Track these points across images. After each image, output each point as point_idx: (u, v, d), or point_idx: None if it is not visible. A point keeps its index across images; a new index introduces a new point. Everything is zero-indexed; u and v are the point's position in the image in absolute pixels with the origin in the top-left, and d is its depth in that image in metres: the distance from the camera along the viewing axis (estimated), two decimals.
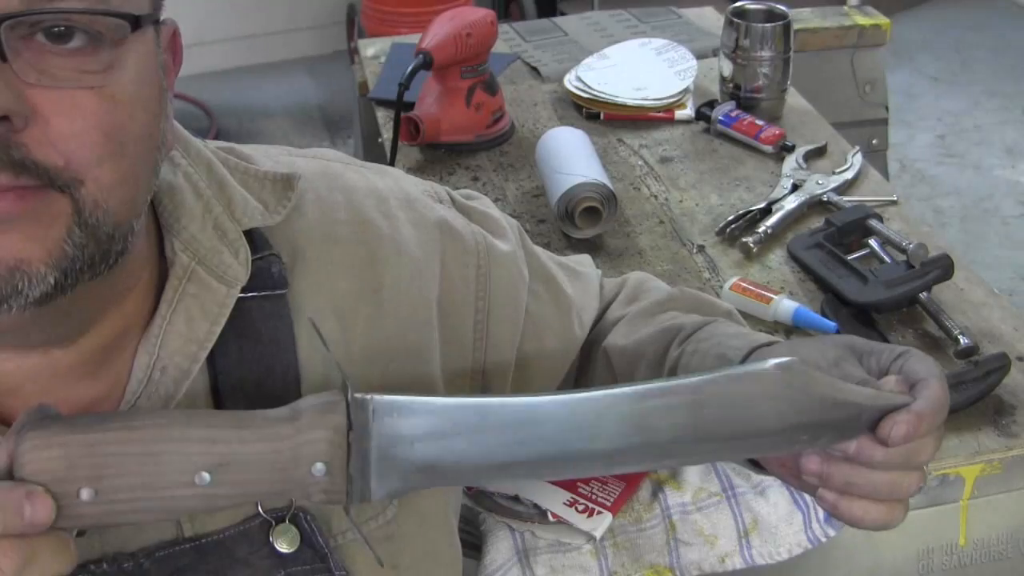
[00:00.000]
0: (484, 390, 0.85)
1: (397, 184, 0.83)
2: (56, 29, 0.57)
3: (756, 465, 0.77)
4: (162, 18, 0.65)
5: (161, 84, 0.64)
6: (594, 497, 1.02)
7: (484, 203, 0.90)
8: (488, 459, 0.62)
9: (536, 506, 1.02)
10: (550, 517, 1.01)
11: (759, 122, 1.61)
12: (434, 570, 0.81)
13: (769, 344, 0.76)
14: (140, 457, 0.57)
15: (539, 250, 0.92)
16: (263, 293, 0.71)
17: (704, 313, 0.88)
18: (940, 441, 0.69)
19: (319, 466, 0.59)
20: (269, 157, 0.78)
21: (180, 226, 0.69)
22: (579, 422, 0.63)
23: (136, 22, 0.60)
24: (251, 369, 0.70)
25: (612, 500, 1.03)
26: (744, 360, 0.75)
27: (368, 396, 0.61)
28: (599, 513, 1.02)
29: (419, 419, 0.61)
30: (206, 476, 0.58)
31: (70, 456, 0.56)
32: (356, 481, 0.60)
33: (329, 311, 0.74)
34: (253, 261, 0.70)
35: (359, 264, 0.76)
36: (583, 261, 0.98)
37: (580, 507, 1.02)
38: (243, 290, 0.69)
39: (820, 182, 1.47)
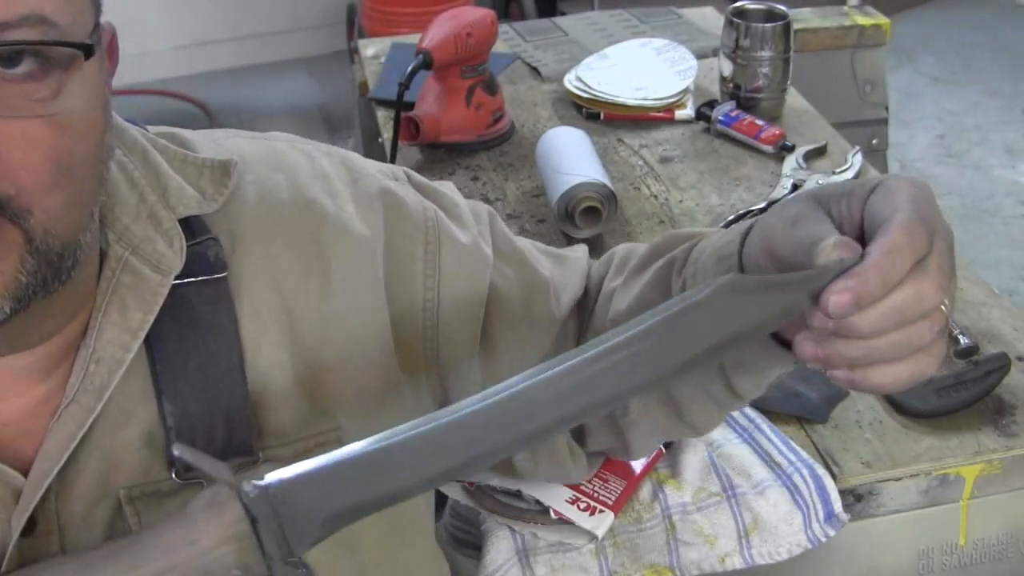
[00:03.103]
0: (443, 369, 0.82)
1: (343, 163, 0.81)
2: (7, 55, 0.56)
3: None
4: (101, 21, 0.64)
5: (106, 96, 0.64)
6: (596, 495, 1.02)
7: (446, 186, 0.88)
8: (412, 482, 0.59)
9: (538, 502, 1.02)
10: (552, 514, 1.01)
11: (759, 122, 1.61)
12: (409, 566, 0.81)
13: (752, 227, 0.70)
14: None
15: (518, 238, 0.89)
16: (200, 278, 0.70)
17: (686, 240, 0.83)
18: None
19: (235, 572, 0.58)
20: (214, 141, 0.78)
21: (114, 216, 0.69)
22: (500, 422, 0.59)
23: (89, 50, 0.60)
24: (192, 355, 0.69)
25: (614, 499, 1.03)
26: (742, 245, 0.69)
27: (264, 483, 0.58)
28: (601, 512, 1.02)
29: (322, 484, 0.58)
30: None
31: None
32: (275, 555, 0.58)
33: (272, 291, 0.73)
34: (190, 247, 0.70)
35: (303, 243, 0.75)
36: (575, 249, 0.95)
37: (582, 505, 1.02)
38: (180, 277, 0.69)
39: (820, 182, 1.47)
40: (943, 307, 0.58)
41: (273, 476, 0.58)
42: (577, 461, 0.86)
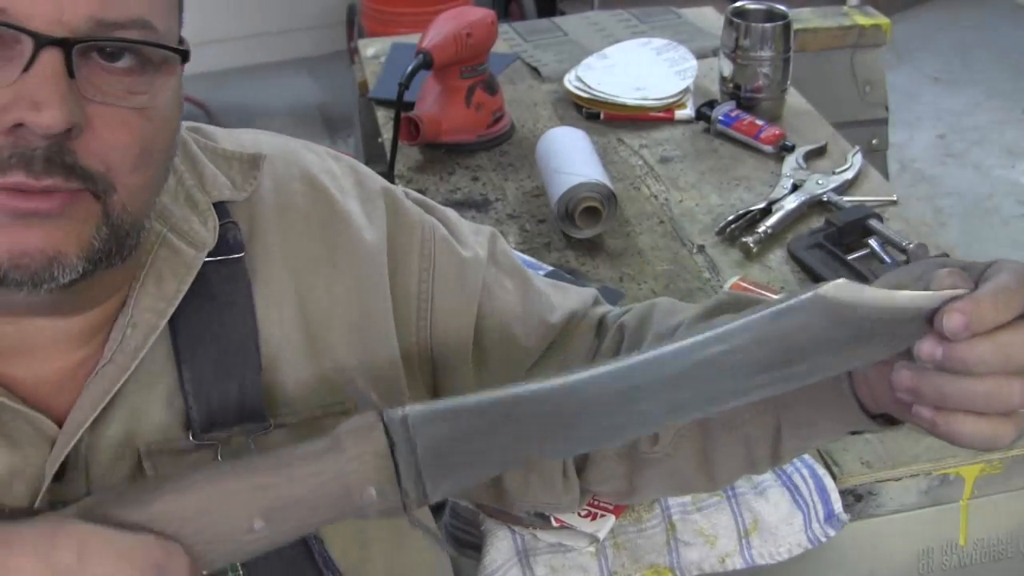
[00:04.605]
0: (434, 367, 0.86)
1: (350, 166, 0.88)
2: (110, 50, 0.64)
3: (873, 418, 0.71)
4: None
5: (181, 99, 0.71)
6: (596, 502, 1.02)
7: (447, 210, 0.92)
8: (533, 444, 0.64)
9: (538, 513, 1.01)
10: (553, 522, 1.01)
11: (759, 122, 1.61)
12: (413, 563, 0.84)
13: None
14: (196, 517, 0.61)
15: (524, 267, 0.92)
16: (220, 258, 0.77)
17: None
18: None
19: (371, 490, 0.63)
20: (235, 136, 0.84)
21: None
22: (622, 390, 0.63)
23: (185, 56, 0.67)
24: (209, 327, 0.75)
25: (614, 503, 1.02)
26: None
27: (403, 411, 0.64)
28: (602, 516, 1.01)
29: (458, 422, 0.63)
30: (261, 523, 0.62)
31: None
32: (411, 492, 0.63)
33: (284, 273, 0.79)
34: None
35: (313, 231, 0.81)
36: (583, 288, 0.96)
37: (582, 511, 1.01)
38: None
39: (820, 182, 1.47)
40: None
41: (414, 406, 0.64)
42: (569, 491, 0.87)
